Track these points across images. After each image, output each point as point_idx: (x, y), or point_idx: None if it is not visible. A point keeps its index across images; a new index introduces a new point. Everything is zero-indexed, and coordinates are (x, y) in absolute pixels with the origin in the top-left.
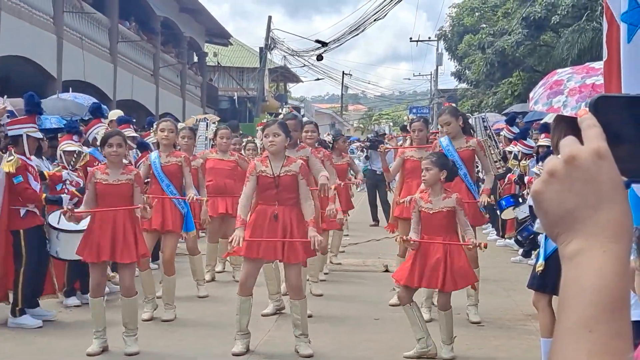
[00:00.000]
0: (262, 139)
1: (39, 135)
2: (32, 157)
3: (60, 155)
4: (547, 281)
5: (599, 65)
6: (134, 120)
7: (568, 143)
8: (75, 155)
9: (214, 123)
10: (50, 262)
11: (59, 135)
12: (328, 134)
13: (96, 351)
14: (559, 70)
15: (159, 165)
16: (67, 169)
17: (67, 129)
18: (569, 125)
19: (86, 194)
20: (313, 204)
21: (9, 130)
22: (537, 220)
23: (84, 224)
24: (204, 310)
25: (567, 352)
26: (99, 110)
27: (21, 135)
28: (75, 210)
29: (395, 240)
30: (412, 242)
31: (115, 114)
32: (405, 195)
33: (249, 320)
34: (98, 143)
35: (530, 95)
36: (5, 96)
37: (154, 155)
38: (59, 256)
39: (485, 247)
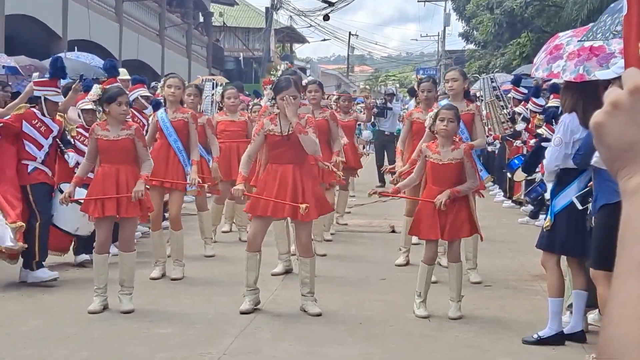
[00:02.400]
0: (271, 98)
1: (60, 99)
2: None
3: (78, 114)
4: (555, 241)
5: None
6: (147, 80)
7: (633, 74)
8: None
9: (221, 85)
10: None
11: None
12: (333, 94)
13: (97, 309)
14: (561, 34)
15: (167, 120)
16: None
17: (85, 88)
18: (579, 88)
19: (88, 150)
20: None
21: (34, 90)
22: (596, 154)
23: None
24: (211, 269)
25: (633, 289)
26: (115, 69)
27: (40, 97)
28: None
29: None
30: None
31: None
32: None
33: (257, 277)
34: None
35: (534, 60)
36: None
37: (160, 111)
38: (77, 233)
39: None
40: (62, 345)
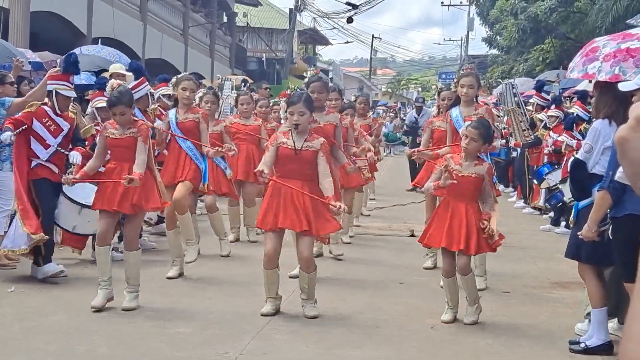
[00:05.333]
0: (285, 111)
1: (72, 94)
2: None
3: (93, 112)
4: (581, 250)
5: (635, 31)
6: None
7: None
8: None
9: (242, 83)
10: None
11: (90, 92)
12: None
13: (101, 303)
14: (597, 39)
15: (175, 122)
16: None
17: (98, 85)
18: (618, 96)
19: (97, 148)
20: (332, 181)
21: (47, 84)
22: (620, 169)
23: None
24: (230, 269)
25: None
26: (141, 70)
27: (52, 91)
28: (78, 173)
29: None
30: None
31: (115, 67)
32: (430, 163)
33: (278, 288)
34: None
35: (570, 65)
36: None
37: (172, 112)
38: (75, 231)
39: (495, 239)
40: (83, 341)
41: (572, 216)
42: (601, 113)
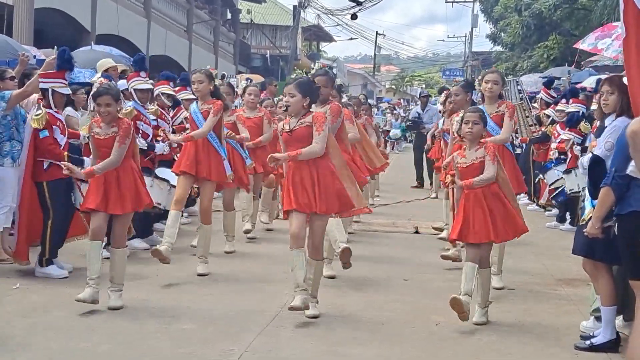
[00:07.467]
0: None
1: (67, 91)
2: (70, 110)
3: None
4: (595, 247)
5: None
6: (176, 77)
7: None
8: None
9: (247, 81)
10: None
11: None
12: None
13: (86, 299)
14: (616, 23)
15: (198, 111)
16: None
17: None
18: (624, 91)
19: (91, 148)
20: (316, 147)
21: (40, 82)
22: (632, 163)
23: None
24: (233, 266)
25: None
26: (140, 63)
27: (48, 90)
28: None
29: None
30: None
31: (103, 63)
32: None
33: (305, 275)
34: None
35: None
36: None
37: (193, 105)
38: (164, 208)
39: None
40: (85, 338)
41: (585, 214)
42: (617, 111)
